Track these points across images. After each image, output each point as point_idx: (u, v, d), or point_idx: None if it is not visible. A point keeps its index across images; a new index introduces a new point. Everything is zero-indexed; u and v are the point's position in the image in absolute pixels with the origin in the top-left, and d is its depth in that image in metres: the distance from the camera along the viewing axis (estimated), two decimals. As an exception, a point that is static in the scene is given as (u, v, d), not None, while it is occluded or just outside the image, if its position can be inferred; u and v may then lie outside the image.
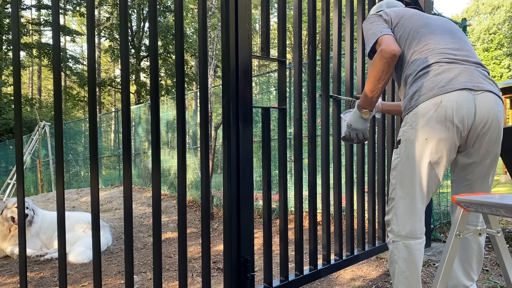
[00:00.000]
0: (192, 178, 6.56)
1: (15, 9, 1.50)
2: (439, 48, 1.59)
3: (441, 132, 1.50)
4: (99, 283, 1.61)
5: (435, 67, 1.55)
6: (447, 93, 1.48)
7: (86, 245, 3.45)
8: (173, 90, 21.48)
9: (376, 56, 1.60)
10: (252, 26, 1.93)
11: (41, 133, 10.83)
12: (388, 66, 1.57)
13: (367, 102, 1.68)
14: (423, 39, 1.63)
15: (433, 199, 3.27)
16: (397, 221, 1.62)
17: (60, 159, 1.58)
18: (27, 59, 22.95)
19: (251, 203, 1.87)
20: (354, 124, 1.75)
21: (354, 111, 1.76)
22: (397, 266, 1.61)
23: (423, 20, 1.70)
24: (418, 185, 1.57)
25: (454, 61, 1.56)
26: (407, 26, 1.69)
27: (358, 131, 1.77)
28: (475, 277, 1.76)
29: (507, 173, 6.89)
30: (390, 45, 1.58)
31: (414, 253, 1.58)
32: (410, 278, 1.59)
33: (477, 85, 1.50)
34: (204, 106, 1.82)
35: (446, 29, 1.68)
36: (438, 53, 1.58)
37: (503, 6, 30.25)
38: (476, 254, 1.73)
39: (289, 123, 4.70)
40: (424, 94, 1.53)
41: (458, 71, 1.53)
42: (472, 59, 1.59)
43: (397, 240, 1.62)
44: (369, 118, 1.74)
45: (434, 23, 1.69)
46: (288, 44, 13.45)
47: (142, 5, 20.29)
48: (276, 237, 3.60)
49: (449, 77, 1.51)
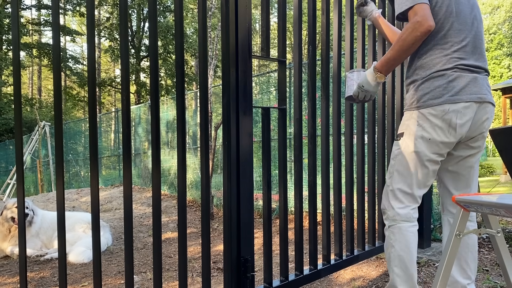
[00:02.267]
0: (192, 178, 6.56)
1: (15, 9, 1.50)
2: (459, 49, 1.64)
3: (443, 136, 1.65)
4: (99, 283, 1.61)
5: (450, 72, 1.63)
6: (455, 103, 1.61)
7: (86, 245, 3.45)
8: (173, 90, 21.48)
9: (409, 26, 1.57)
10: (252, 26, 1.93)
11: (41, 133, 10.83)
12: (419, 39, 1.59)
13: (386, 68, 1.68)
14: (450, 33, 1.64)
15: (433, 199, 3.27)
16: (393, 206, 1.72)
17: (60, 159, 1.58)
18: (27, 59, 22.95)
19: (251, 203, 1.87)
20: (366, 85, 1.75)
21: (369, 71, 1.74)
22: (393, 249, 1.70)
23: (458, 4, 1.66)
24: (415, 174, 1.69)
25: (467, 68, 1.64)
26: (444, 2, 1.64)
27: (368, 93, 1.76)
28: (472, 275, 1.77)
29: (507, 173, 6.88)
30: (428, 20, 1.55)
31: (408, 235, 1.68)
32: (405, 259, 1.66)
33: (481, 97, 1.63)
34: (204, 106, 1.82)
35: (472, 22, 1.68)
36: (457, 57, 1.64)
37: (503, 6, 30.26)
38: (471, 250, 1.77)
39: (289, 123, 4.70)
40: (434, 99, 1.64)
41: (468, 80, 1.63)
42: (481, 63, 1.68)
43: (392, 224, 1.71)
44: (381, 82, 1.76)
45: (465, 12, 1.67)
46: (288, 44, 13.44)
47: (142, 5, 20.29)
48: (276, 237, 3.60)
49: (459, 86, 1.62)
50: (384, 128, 2.69)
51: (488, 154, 21.76)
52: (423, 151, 1.66)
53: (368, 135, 2.62)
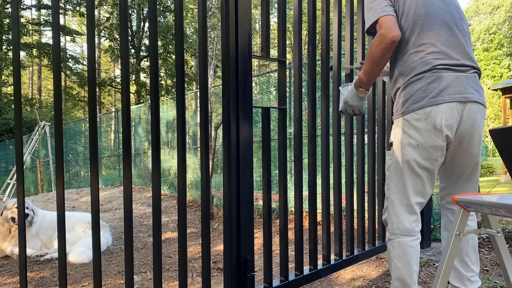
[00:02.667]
0: (192, 178, 6.56)
1: (15, 9, 1.50)
2: (435, 50, 1.60)
3: (431, 140, 1.58)
4: (99, 283, 1.61)
5: (428, 74, 1.59)
6: (437, 105, 1.56)
7: (86, 245, 3.46)
8: (173, 90, 21.48)
9: (375, 39, 1.60)
10: (252, 26, 1.93)
11: (41, 133, 10.83)
12: (387, 51, 1.59)
13: (365, 82, 1.71)
14: (422, 36, 1.62)
15: (433, 199, 3.27)
16: (392, 219, 1.68)
17: (60, 159, 1.58)
18: (27, 59, 22.95)
19: (251, 203, 1.87)
20: (350, 101, 1.80)
21: (351, 88, 1.79)
22: (393, 263, 1.67)
23: (427, 6, 1.65)
24: (410, 183, 1.64)
25: (447, 68, 1.59)
26: (411, 7, 1.64)
27: (354, 107, 1.81)
28: (475, 268, 1.76)
29: (507, 173, 6.88)
30: (391, 31, 1.57)
31: (407, 250, 1.64)
32: (405, 275, 1.63)
33: (465, 96, 1.57)
34: (204, 106, 1.82)
35: (446, 21, 1.65)
36: (434, 58, 1.60)
37: (503, 6, 30.26)
38: (471, 243, 1.76)
39: (289, 123, 4.70)
40: (415, 103, 1.59)
41: (449, 80, 1.57)
42: (465, 61, 1.62)
43: (392, 238, 1.68)
44: (365, 96, 1.78)
45: (437, 12, 1.65)
46: (288, 44, 13.43)
47: (142, 5, 20.29)
48: (276, 237, 3.60)
49: (440, 87, 1.57)
50: (384, 128, 2.69)
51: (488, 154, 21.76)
52: (414, 158, 1.61)
53: (368, 135, 2.62)
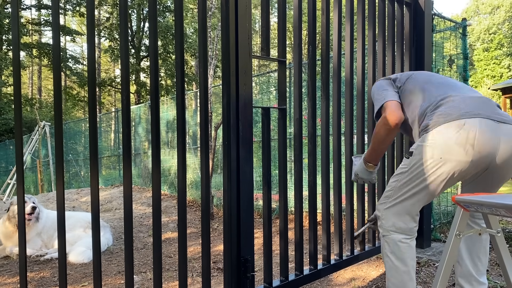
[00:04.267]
0: (192, 178, 6.56)
1: (15, 9, 1.50)
2: (442, 95, 1.65)
3: (459, 154, 1.48)
4: (99, 283, 1.61)
5: (452, 98, 1.60)
6: (471, 118, 1.48)
7: (86, 245, 3.45)
8: (173, 90, 21.48)
9: (380, 121, 1.70)
10: (252, 26, 1.93)
11: (41, 133, 10.83)
12: (391, 131, 1.69)
13: (373, 158, 1.83)
14: (427, 92, 1.70)
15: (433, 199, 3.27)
16: (388, 217, 1.69)
17: (60, 159, 1.58)
18: (27, 59, 22.93)
19: (251, 203, 1.87)
20: (360, 174, 1.91)
21: (360, 162, 1.89)
22: (388, 259, 1.68)
23: (427, 77, 1.80)
24: (420, 193, 1.62)
25: (466, 98, 1.59)
26: (415, 80, 1.79)
27: (364, 179, 1.92)
28: (483, 269, 1.79)
29: (507, 173, 6.84)
30: (394, 113, 1.66)
31: (403, 247, 1.65)
32: (401, 271, 1.64)
33: (498, 117, 1.51)
34: (204, 106, 1.82)
35: (449, 83, 1.75)
36: (447, 96, 1.63)
37: (503, 6, 30.26)
38: (484, 245, 1.78)
39: (289, 123, 4.70)
40: (447, 116, 1.53)
41: (477, 102, 1.55)
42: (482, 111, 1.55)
43: (387, 234, 1.69)
44: (374, 170, 1.87)
45: (436, 80, 1.76)
46: (288, 44, 13.44)
47: (142, 5, 20.29)
48: (276, 237, 3.60)
49: (471, 106, 1.53)
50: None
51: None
52: (433, 172, 1.54)
53: (368, 135, 2.62)
